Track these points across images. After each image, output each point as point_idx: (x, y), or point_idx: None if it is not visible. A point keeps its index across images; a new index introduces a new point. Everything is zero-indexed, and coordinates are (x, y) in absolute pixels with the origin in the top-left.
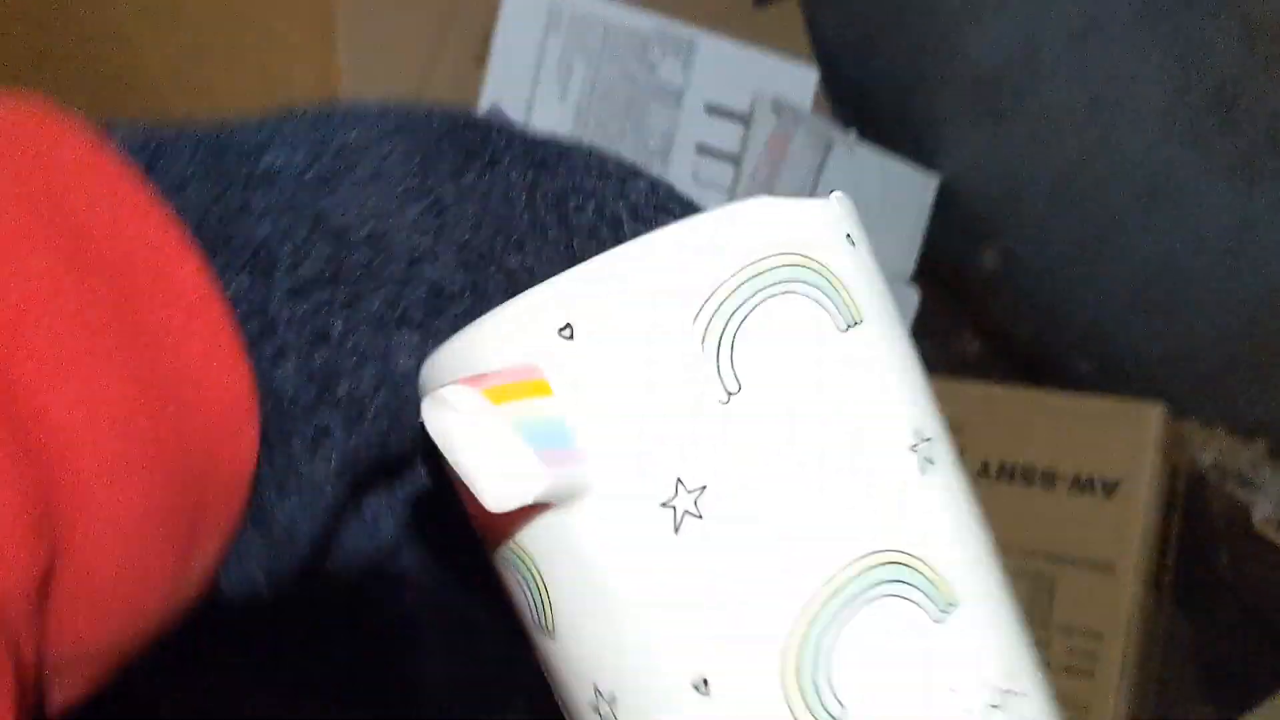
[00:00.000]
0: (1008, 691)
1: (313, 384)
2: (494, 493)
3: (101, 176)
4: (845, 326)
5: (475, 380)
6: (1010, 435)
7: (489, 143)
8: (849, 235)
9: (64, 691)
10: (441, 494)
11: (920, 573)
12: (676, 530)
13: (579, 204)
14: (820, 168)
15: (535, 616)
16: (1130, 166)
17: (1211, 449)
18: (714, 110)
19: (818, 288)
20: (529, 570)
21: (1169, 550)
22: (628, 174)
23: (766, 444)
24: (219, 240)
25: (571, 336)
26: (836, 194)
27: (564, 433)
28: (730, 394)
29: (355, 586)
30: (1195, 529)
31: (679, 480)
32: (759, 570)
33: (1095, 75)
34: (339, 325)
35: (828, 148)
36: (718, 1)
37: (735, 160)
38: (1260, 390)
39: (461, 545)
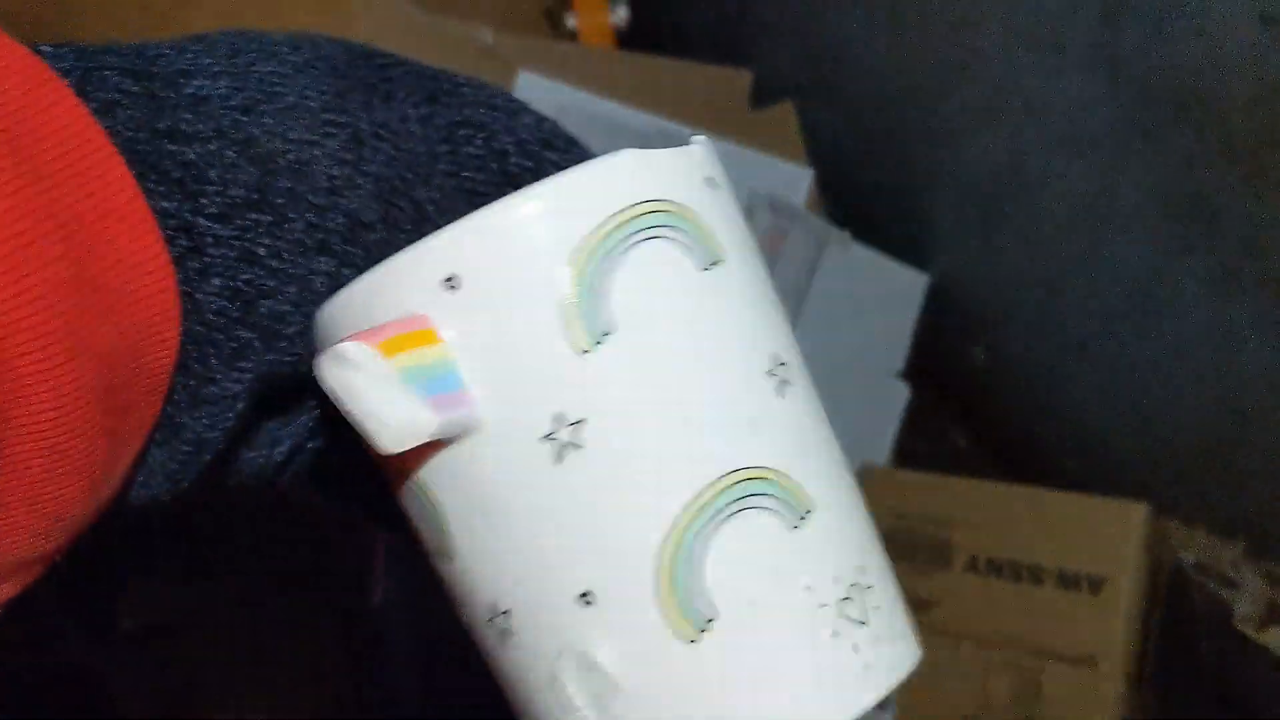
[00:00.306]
0: (856, 585)
1: (236, 301)
2: (387, 437)
3: (35, 89)
4: (707, 265)
5: (369, 334)
6: (999, 531)
7: (385, 77)
8: (709, 179)
9: None
10: (336, 424)
11: (778, 484)
12: (559, 460)
13: (469, 135)
14: (814, 264)
15: (437, 544)
16: (1115, 273)
17: (1193, 548)
18: None
19: (681, 230)
20: (429, 502)
21: (1151, 645)
22: (517, 108)
23: (638, 379)
24: (149, 162)
25: (456, 287)
26: (698, 139)
27: (453, 377)
28: (605, 334)
29: (247, 496)
30: (1177, 624)
31: (560, 416)
32: (633, 494)
33: (1081, 185)
34: (264, 247)
35: (822, 246)
36: (716, 102)
37: None
38: (1239, 492)
39: (346, 475)
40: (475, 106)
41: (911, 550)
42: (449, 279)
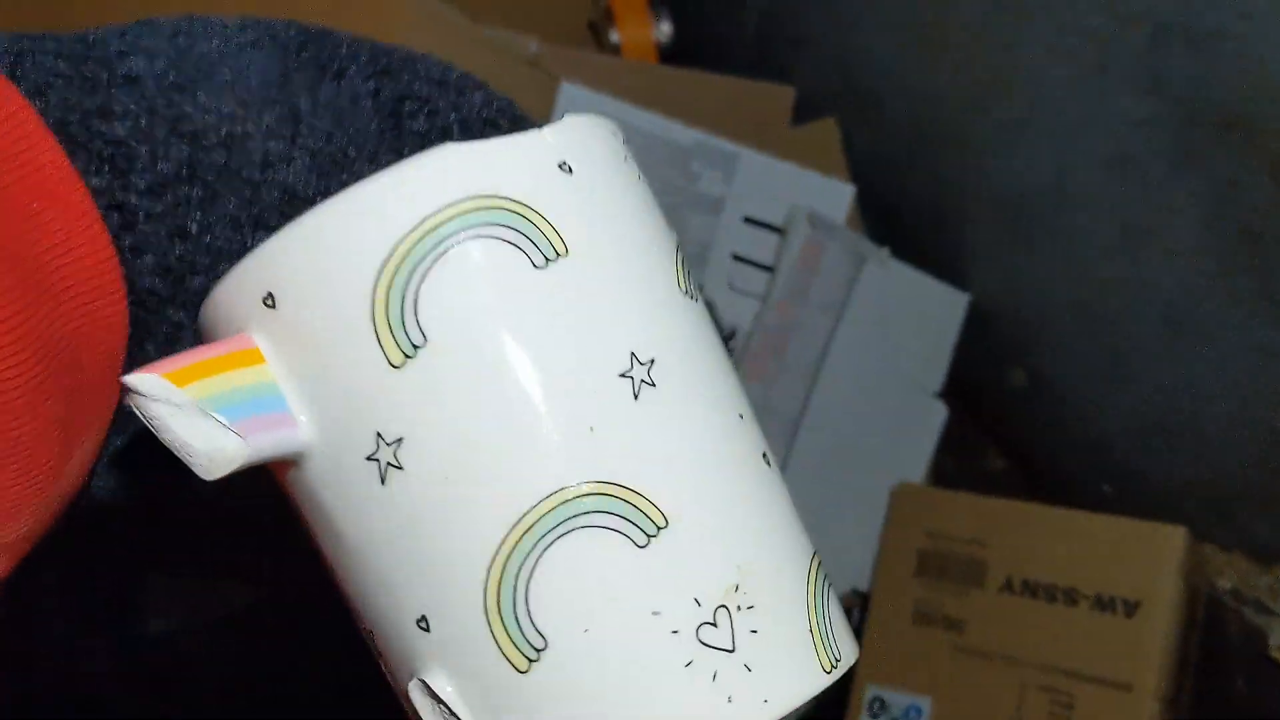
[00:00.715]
0: (725, 607)
1: (168, 279)
2: (198, 465)
3: None
4: (544, 262)
5: (167, 363)
6: (1034, 552)
7: (337, 55)
8: (563, 164)
9: None
10: None
11: (623, 500)
12: (383, 481)
13: (413, 110)
14: (853, 281)
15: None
16: (1156, 295)
17: (1229, 574)
18: (752, 221)
19: (511, 227)
20: (302, 521)
21: (1186, 671)
22: (467, 85)
23: (455, 393)
24: (80, 140)
25: (273, 305)
26: (565, 120)
27: (275, 398)
28: (416, 347)
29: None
30: (1212, 651)
31: (379, 435)
32: (456, 516)
33: (1124, 206)
34: (195, 223)
35: (860, 262)
36: (758, 118)
37: (770, 269)
38: (1277, 519)
39: None
40: (425, 81)
41: (945, 570)
42: (266, 297)
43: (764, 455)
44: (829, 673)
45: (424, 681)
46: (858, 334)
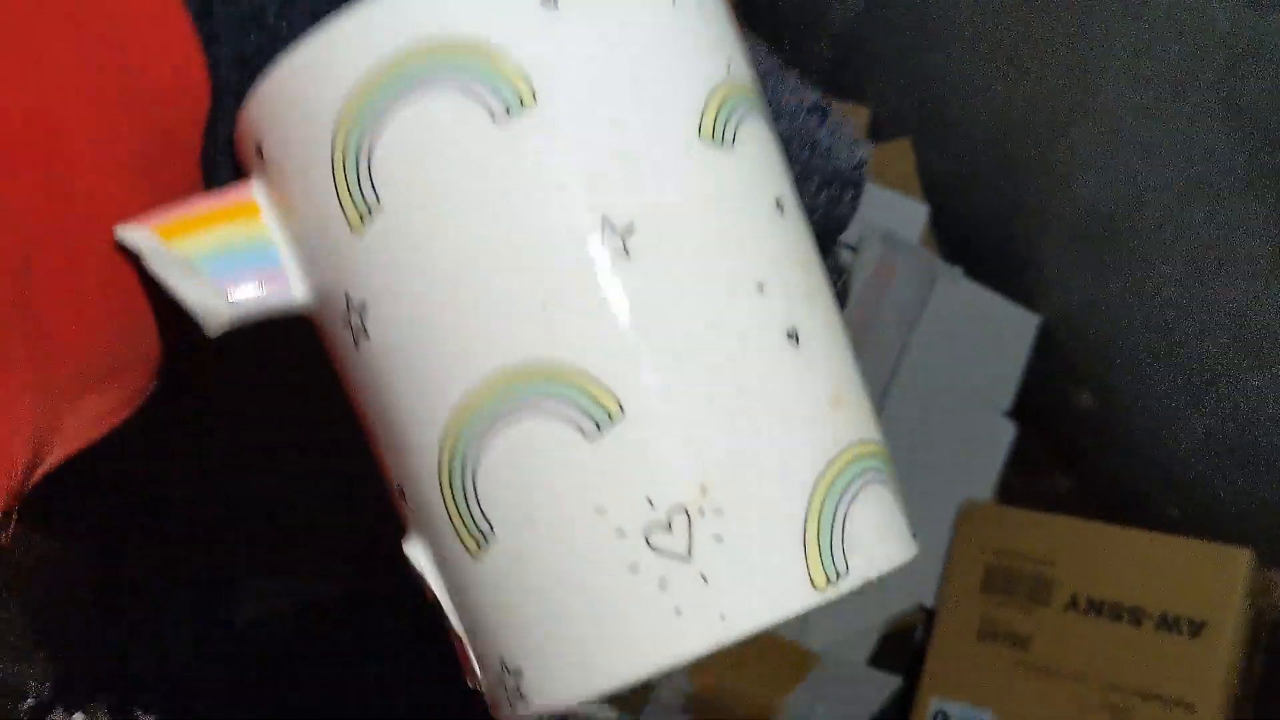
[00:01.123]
0: (686, 509)
1: (244, 68)
2: (200, 319)
3: None
4: (505, 111)
5: (155, 215)
6: (1100, 571)
7: None
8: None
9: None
10: None
11: (572, 383)
12: (356, 346)
13: None
14: (924, 299)
15: None
16: (1229, 319)
17: None
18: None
19: (468, 73)
20: None
21: (1249, 694)
22: None
23: (405, 262)
24: None
25: (261, 155)
26: None
27: (269, 253)
28: (370, 210)
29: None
30: (1277, 674)
31: (348, 298)
32: (411, 390)
33: (1198, 229)
34: (271, 12)
35: (932, 281)
36: None
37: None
38: None
39: None
40: None
41: (1012, 586)
42: (258, 147)
43: (790, 333)
44: (820, 590)
45: (414, 550)
46: (928, 352)
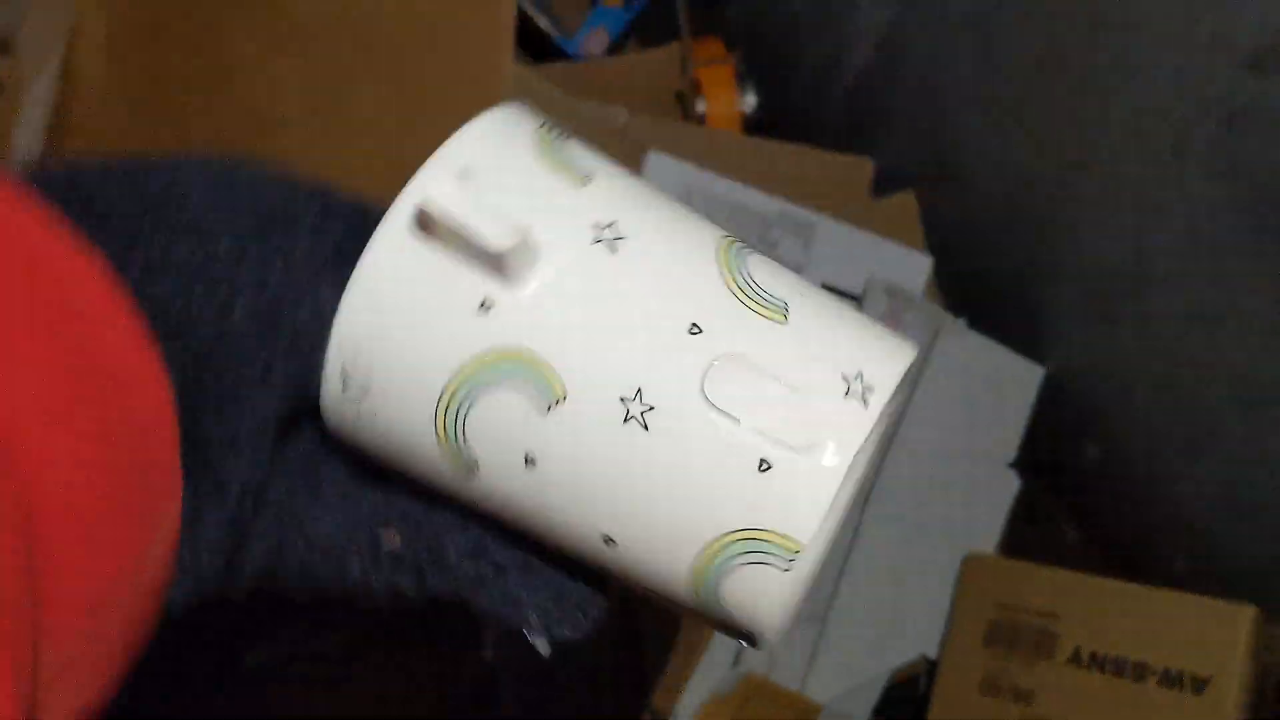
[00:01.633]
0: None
1: (258, 320)
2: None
3: (21, 217)
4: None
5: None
6: (1105, 626)
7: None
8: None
9: (62, 700)
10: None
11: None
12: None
13: None
14: (928, 350)
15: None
16: (1233, 373)
17: None
18: (830, 289)
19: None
20: None
21: None
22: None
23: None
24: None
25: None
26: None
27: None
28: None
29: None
30: None
31: (597, 223)
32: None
33: (1200, 285)
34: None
35: (937, 332)
36: (839, 189)
37: None
38: None
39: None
40: None
41: (1015, 640)
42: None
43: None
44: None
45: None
46: (932, 403)
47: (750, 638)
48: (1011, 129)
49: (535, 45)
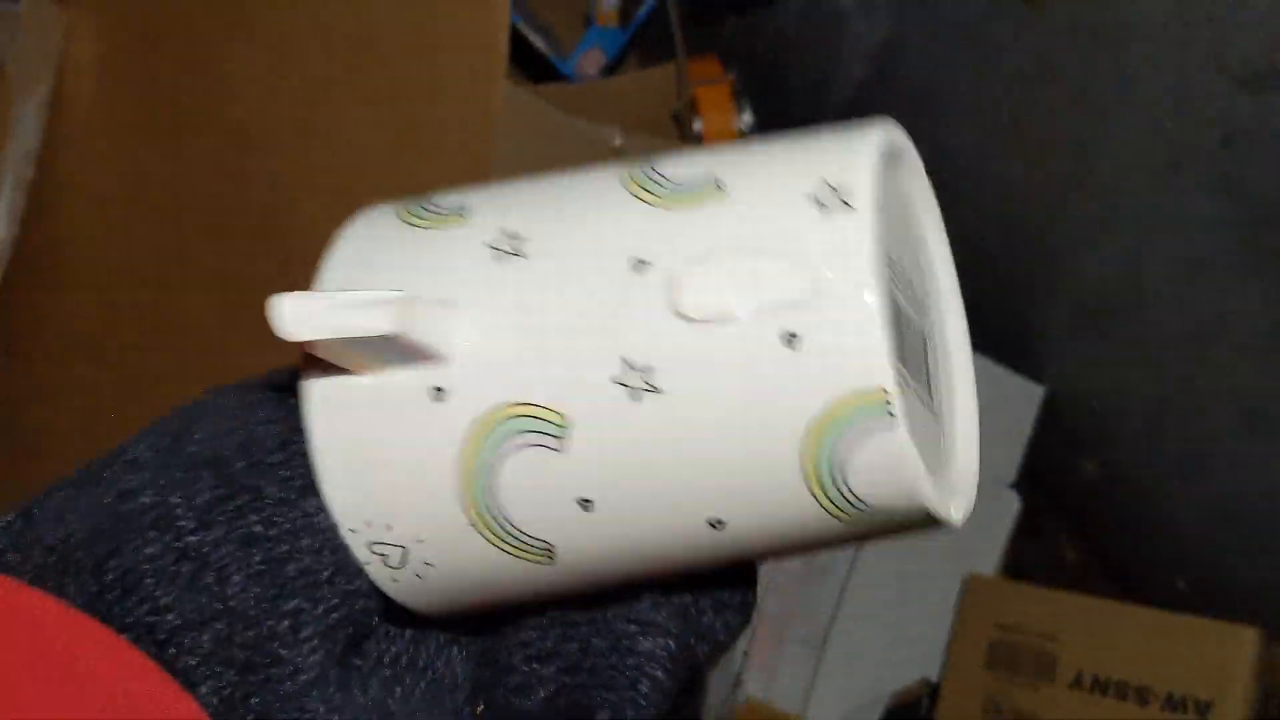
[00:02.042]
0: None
1: (260, 582)
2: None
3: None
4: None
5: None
6: (1106, 649)
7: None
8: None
9: None
10: None
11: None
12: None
13: None
14: None
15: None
16: (1230, 392)
17: None
18: None
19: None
20: None
21: None
22: None
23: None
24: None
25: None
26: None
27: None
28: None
29: None
30: None
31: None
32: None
33: (1197, 303)
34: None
35: None
36: None
37: None
38: None
39: None
40: None
41: (1016, 662)
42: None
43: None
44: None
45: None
46: None
47: (928, 518)
48: (1008, 146)
49: (531, 66)
